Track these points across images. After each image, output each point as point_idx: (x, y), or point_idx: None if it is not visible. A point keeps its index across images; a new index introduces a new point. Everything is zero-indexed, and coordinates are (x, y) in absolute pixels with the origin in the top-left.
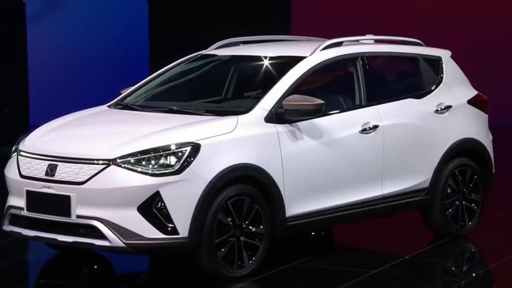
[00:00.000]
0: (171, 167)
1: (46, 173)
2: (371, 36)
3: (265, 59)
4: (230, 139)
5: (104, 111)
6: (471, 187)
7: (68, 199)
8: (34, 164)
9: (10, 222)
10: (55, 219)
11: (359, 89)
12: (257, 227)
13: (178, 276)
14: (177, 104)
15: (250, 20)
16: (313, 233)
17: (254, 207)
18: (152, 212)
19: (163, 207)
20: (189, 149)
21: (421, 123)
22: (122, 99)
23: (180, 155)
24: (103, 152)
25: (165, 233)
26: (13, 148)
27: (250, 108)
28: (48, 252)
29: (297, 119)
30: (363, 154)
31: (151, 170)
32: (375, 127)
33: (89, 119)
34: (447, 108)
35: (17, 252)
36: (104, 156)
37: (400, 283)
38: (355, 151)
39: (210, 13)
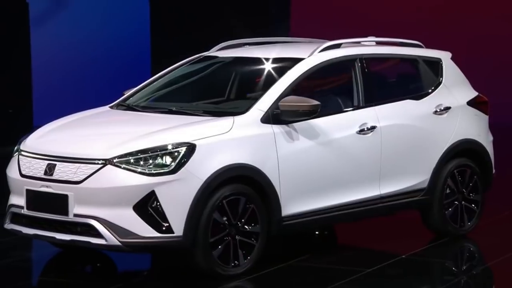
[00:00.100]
0: (167, 167)
1: (45, 172)
2: (372, 38)
3: (266, 60)
4: (226, 139)
5: (105, 112)
6: (470, 188)
7: (65, 198)
8: (34, 163)
9: (11, 220)
10: (53, 217)
11: (357, 91)
12: (253, 226)
13: (178, 274)
14: (176, 105)
15: (250, 21)
16: (317, 232)
17: (250, 206)
18: (147, 211)
19: (158, 206)
20: (185, 149)
21: (420, 124)
22: (124, 100)
23: (176, 155)
24: (100, 152)
25: (160, 232)
26: (15, 148)
27: (247, 109)
28: (51, 250)
29: (294, 120)
30: (360, 154)
31: (146, 169)
32: (372, 128)
33: (89, 119)
34: (446, 109)
35: (20, 250)
36: (100, 156)
37: (394, 281)
38: (352, 152)
39: (211, 14)
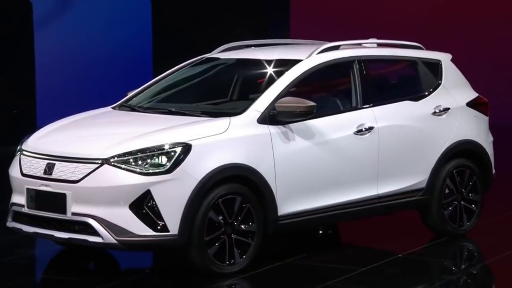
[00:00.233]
0: (162, 166)
1: (45, 171)
2: (373, 40)
3: (266, 62)
4: (221, 139)
5: (106, 113)
6: (469, 188)
7: (64, 197)
8: (34, 163)
9: (12, 218)
10: (52, 216)
11: (355, 92)
12: (249, 225)
13: (176, 272)
14: (176, 106)
15: (251, 24)
16: (320, 232)
17: (246, 206)
18: (143, 210)
19: (153, 205)
20: (180, 149)
21: (418, 124)
22: (126, 100)
23: (171, 155)
24: (97, 152)
25: (155, 230)
26: (17, 148)
27: (243, 109)
28: (54, 248)
29: (290, 121)
30: (358, 155)
31: (142, 169)
32: (370, 128)
33: (90, 120)
34: (445, 110)
35: (23, 248)
36: (98, 156)
37: (387, 280)
38: (349, 152)
39: (211, 15)
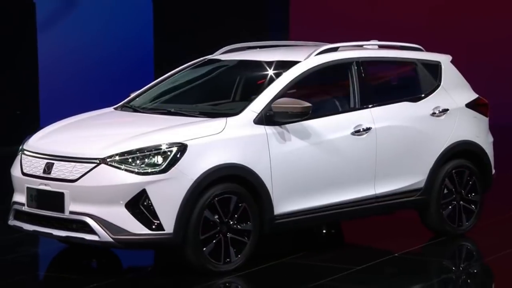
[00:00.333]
0: (158, 166)
1: (44, 171)
2: (374, 42)
3: (265, 63)
4: (217, 140)
5: (108, 113)
6: (469, 188)
7: (62, 195)
8: (34, 162)
9: (14, 217)
10: (51, 214)
11: (353, 93)
12: (245, 224)
13: (174, 271)
14: (175, 106)
15: (250, 26)
16: (324, 231)
17: (242, 205)
18: (139, 209)
19: (149, 204)
20: (176, 149)
21: (416, 125)
22: (128, 101)
23: (167, 155)
24: (95, 152)
25: (151, 229)
26: (19, 147)
27: (240, 110)
28: (56, 246)
29: (286, 121)
30: (355, 155)
31: (138, 169)
32: (367, 129)
33: (91, 121)
34: (444, 111)
35: (26, 246)
36: (95, 155)
37: (381, 278)
38: (346, 152)
39: (212, 18)
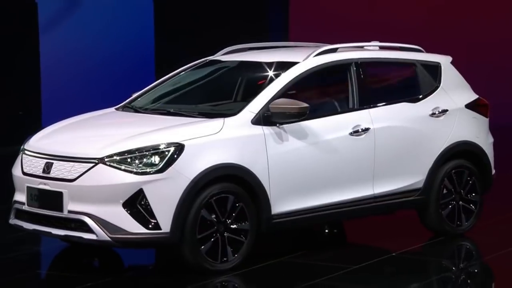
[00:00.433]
0: (155, 166)
1: (43, 170)
2: (376, 43)
3: (265, 64)
4: (215, 140)
5: (109, 113)
6: (468, 188)
7: (60, 195)
8: (34, 162)
9: (15, 216)
10: (50, 213)
11: (352, 94)
12: (242, 224)
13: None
14: (175, 107)
15: (251, 26)
16: (326, 230)
17: (239, 204)
18: (136, 208)
19: (146, 204)
20: (173, 149)
21: (415, 126)
22: (130, 102)
23: (164, 154)
24: (93, 152)
25: (148, 228)
26: (21, 147)
27: (238, 110)
28: (58, 245)
29: (284, 122)
30: (353, 155)
31: (136, 168)
32: (366, 129)
33: (91, 121)
34: (443, 112)
35: (28, 244)
36: (93, 155)
37: (377, 277)
38: (344, 152)
39: (212, 19)
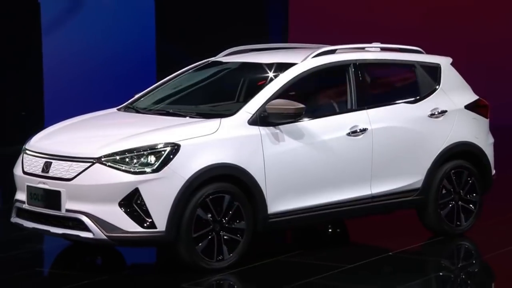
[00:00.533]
0: (151, 165)
1: (42, 169)
2: (377, 44)
3: (265, 65)
4: (211, 140)
5: (109, 114)
6: (467, 189)
7: (58, 194)
8: (34, 161)
9: (16, 214)
10: (48, 212)
11: (350, 95)
12: (238, 223)
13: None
14: (175, 107)
15: (251, 28)
16: (330, 230)
17: (235, 204)
18: (132, 208)
19: (142, 203)
20: (169, 149)
21: (413, 126)
22: (131, 102)
23: (160, 154)
24: (90, 151)
25: (143, 227)
26: (22, 147)
27: (235, 111)
28: (61, 243)
29: (280, 122)
30: (350, 155)
31: (132, 168)
32: (363, 130)
33: (91, 121)
34: (442, 112)
35: (32, 243)
36: (90, 155)
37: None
38: (341, 153)
39: (213, 21)
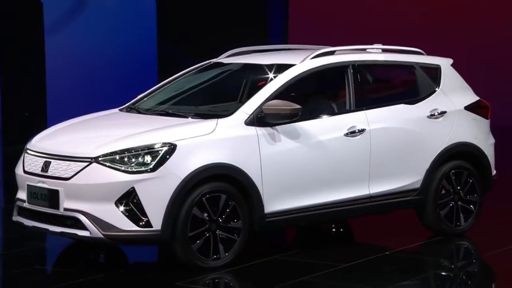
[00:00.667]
0: (147, 165)
1: (42, 169)
2: (378, 46)
3: (265, 66)
4: (207, 140)
5: (110, 114)
6: (467, 189)
7: (57, 193)
8: (34, 161)
9: (17, 213)
10: (47, 211)
11: (349, 96)
12: (234, 222)
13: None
14: (175, 108)
15: (251, 30)
16: (333, 230)
17: (231, 203)
18: (128, 207)
19: (138, 202)
20: (165, 149)
21: (412, 127)
22: (134, 103)
23: (156, 154)
24: (87, 151)
25: (139, 226)
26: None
27: (233, 111)
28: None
29: (277, 123)
30: (347, 155)
31: (128, 168)
32: (361, 130)
33: (91, 122)
34: (442, 113)
35: (33, 241)
36: (87, 155)
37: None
38: (338, 153)
39: (214, 24)
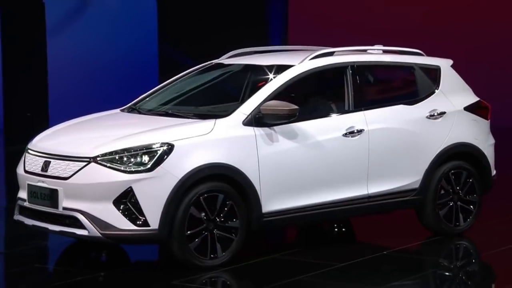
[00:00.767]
0: (144, 165)
1: (42, 168)
2: (379, 47)
3: (265, 67)
4: (205, 140)
5: (111, 115)
6: (466, 189)
7: (56, 192)
8: (35, 160)
9: (18, 212)
10: (46, 210)
11: (347, 96)
12: (232, 222)
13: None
14: (176, 109)
15: (251, 31)
16: (336, 229)
17: (229, 203)
18: (125, 206)
19: (135, 201)
20: (163, 149)
21: (411, 127)
22: (135, 103)
23: (154, 154)
24: (86, 151)
25: (137, 225)
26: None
27: (231, 112)
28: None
29: (274, 123)
30: (346, 156)
31: (126, 167)
32: (360, 131)
33: (92, 122)
34: (441, 114)
35: (35, 240)
36: (86, 154)
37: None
38: (336, 153)
39: (214, 25)
